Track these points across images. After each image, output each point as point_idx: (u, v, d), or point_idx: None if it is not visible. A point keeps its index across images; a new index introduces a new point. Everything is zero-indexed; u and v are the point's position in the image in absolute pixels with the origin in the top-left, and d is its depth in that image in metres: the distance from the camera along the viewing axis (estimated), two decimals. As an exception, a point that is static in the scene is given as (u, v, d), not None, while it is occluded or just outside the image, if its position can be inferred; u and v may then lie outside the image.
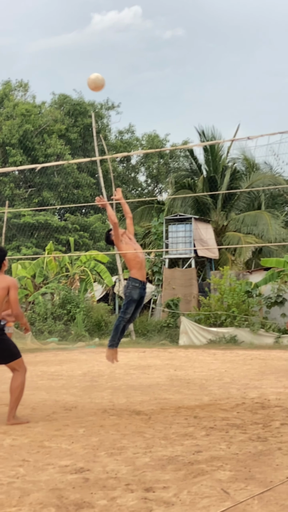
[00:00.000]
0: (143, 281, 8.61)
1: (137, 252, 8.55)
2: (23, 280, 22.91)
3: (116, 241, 8.47)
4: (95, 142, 24.19)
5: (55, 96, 39.84)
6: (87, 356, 14.68)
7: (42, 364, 12.85)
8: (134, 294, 8.48)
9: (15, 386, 6.54)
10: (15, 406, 6.54)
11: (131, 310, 8.58)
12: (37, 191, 35.71)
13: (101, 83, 8.37)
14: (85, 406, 7.56)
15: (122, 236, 8.56)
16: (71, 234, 32.11)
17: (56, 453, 5.22)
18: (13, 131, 35.20)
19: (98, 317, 20.58)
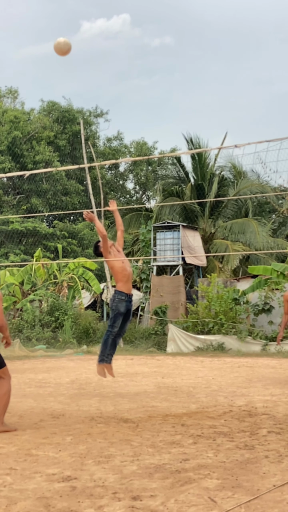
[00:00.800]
0: (130, 294, 8.73)
1: (125, 265, 8.67)
2: (11, 287, 22.86)
3: (104, 253, 8.60)
4: (84, 149, 24.23)
5: (43, 103, 39.86)
6: (75, 364, 14.66)
7: (30, 371, 12.82)
8: (120, 307, 8.62)
9: (2, 393, 6.55)
10: (2, 413, 6.55)
11: (118, 324, 8.69)
12: (26, 198, 35.66)
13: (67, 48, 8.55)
14: (73, 414, 7.56)
15: (111, 248, 8.67)
16: (60, 241, 32.08)
17: (44, 461, 5.21)
18: (2, 137, 35.17)
19: (86, 324, 20.55)
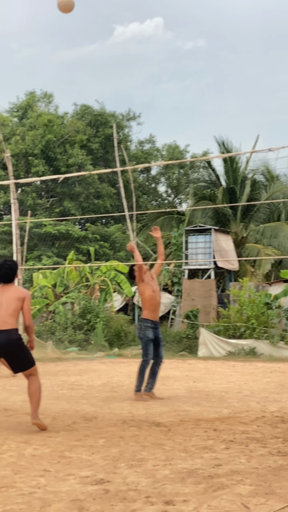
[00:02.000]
0: (156, 321, 9.01)
1: (155, 294, 9.01)
2: (44, 290, 23.06)
3: (137, 281, 9.11)
4: (116, 153, 24.31)
5: (77, 107, 40.19)
6: (107, 366, 14.73)
7: (62, 373, 12.92)
8: (148, 334, 8.93)
9: (34, 389, 6.80)
10: (37, 407, 6.75)
11: (151, 350, 8.97)
12: (59, 201, 35.95)
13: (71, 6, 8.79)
14: (105, 416, 7.60)
15: (145, 273, 9.04)
16: (92, 244, 32.27)
17: (77, 463, 5.26)
18: (36, 141, 35.54)
19: (117, 327, 20.62)
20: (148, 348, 9.13)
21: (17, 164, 34.69)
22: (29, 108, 38.75)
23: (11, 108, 39.67)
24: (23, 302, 6.75)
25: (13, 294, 6.75)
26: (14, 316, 6.69)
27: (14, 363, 6.79)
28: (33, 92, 39.90)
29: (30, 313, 6.88)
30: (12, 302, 6.69)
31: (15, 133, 36.44)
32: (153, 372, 9.31)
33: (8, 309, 6.66)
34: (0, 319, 6.61)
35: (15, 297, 6.73)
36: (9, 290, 6.82)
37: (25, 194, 34.84)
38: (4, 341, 6.59)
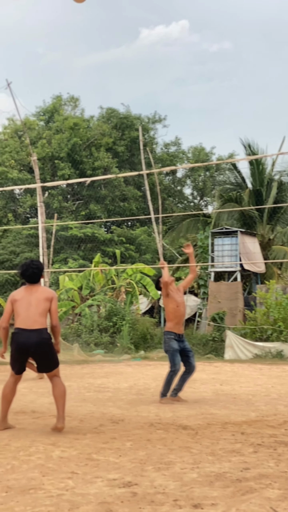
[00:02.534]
0: (180, 334, 9.09)
1: (179, 308, 9.09)
2: (70, 292, 23.17)
3: (162, 294, 9.32)
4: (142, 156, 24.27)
5: (102, 110, 40.34)
6: (133, 369, 14.73)
7: (89, 376, 12.95)
8: (173, 345, 9.04)
9: (62, 390, 6.87)
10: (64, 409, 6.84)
11: (178, 361, 9.05)
12: (84, 204, 36.09)
13: None
14: (132, 419, 7.60)
15: (171, 284, 9.14)
16: (117, 246, 32.34)
17: (104, 466, 5.26)
18: (62, 145, 35.75)
19: (143, 330, 20.63)
20: (175, 358, 9.15)
21: (44, 167, 34.92)
22: (55, 111, 39.01)
23: (37, 112, 39.97)
24: (51, 302, 6.81)
25: (41, 294, 6.81)
26: (44, 316, 6.75)
27: (42, 362, 6.85)
28: (60, 95, 40.17)
29: (57, 314, 6.95)
30: (41, 302, 6.75)
31: (42, 137, 36.70)
32: (182, 379, 9.31)
33: (38, 309, 6.72)
34: (31, 319, 6.67)
35: (44, 297, 6.79)
36: (37, 290, 6.87)
37: (51, 197, 35.04)
38: (36, 340, 6.64)
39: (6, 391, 6.88)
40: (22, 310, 6.73)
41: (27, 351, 6.70)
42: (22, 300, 6.78)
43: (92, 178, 8.41)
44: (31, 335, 6.63)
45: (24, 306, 6.74)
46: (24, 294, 6.85)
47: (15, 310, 6.78)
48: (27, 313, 6.70)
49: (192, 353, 9.42)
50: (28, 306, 6.73)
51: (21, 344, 6.66)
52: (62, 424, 6.71)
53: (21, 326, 6.69)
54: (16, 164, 36.36)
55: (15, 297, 6.87)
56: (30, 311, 6.70)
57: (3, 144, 38.06)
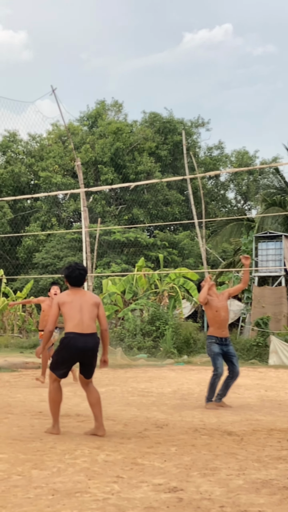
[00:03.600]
0: (221, 337, 9.06)
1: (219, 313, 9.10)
2: (113, 296, 23.25)
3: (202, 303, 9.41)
4: (185, 160, 24.31)
5: (145, 115, 40.44)
6: (176, 374, 14.69)
7: (132, 380, 12.96)
8: (214, 348, 9.04)
9: (98, 397, 6.88)
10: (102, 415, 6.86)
11: (220, 364, 9.03)
12: (127, 208, 36.22)
13: None
14: (176, 424, 7.57)
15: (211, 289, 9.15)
16: (160, 251, 32.33)
17: (149, 470, 5.25)
18: (105, 149, 35.96)
19: (186, 334, 20.54)
20: (216, 362, 9.13)
21: (87, 172, 35.18)
22: (98, 117, 39.27)
23: (81, 117, 40.32)
24: (98, 308, 6.82)
25: (90, 299, 6.80)
26: (94, 321, 6.75)
27: (89, 367, 6.82)
28: (103, 101, 40.43)
29: (104, 316, 6.95)
30: (91, 307, 6.74)
31: (85, 142, 36.98)
32: (226, 385, 9.26)
33: (91, 314, 6.72)
34: (85, 323, 6.65)
35: (93, 302, 6.79)
36: (85, 294, 6.85)
37: (94, 201, 35.27)
38: (93, 344, 6.67)
39: (54, 395, 6.81)
40: (74, 313, 6.66)
41: (84, 355, 6.68)
42: (73, 304, 6.71)
43: (136, 183, 8.44)
44: (88, 339, 6.62)
45: (76, 309, 6.67)
46: (73, 297, 6.77)
47: (66, 313, 6.69)
48: (80, 317, 6.65)
49: (236, 358, 9.34)
50: (80, 310, 6.68)
51: (79, 348, 6.60)
52: (103, 432, 6.71)
53: (76, 331, 6.61)
54: (60, 169, 36.71)
55: (63, 300, 6.77)
56: (84, 315, 6.66)
57: (48, 150, 38.48)
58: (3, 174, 37.23)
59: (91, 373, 6.87)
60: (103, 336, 6.93)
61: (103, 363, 6.98)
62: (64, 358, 6.73)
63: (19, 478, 4.98)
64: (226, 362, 9.21)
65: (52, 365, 6.84)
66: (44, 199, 36.26)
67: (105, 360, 6.98)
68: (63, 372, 6.79)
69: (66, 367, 6.78)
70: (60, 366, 6.76)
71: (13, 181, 37.22)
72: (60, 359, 6.76)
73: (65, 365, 6.76)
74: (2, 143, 39.59)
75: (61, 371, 6.78)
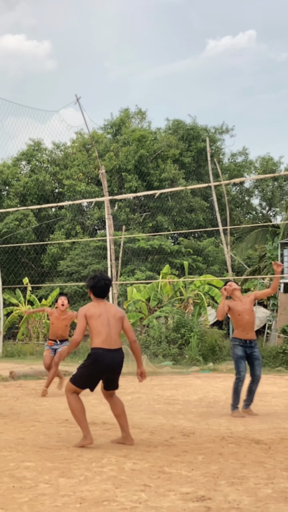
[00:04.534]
0: (246, 340, 9.02)
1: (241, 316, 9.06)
2: (138, 304, 23.24)
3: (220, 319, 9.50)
4: (209, 167, 24.28)
5: (169, 122, 40.48)
6: (202, 381, 14.61)
7: (158, 387, 12.92)
8: (237, 351, 9.02)
9: (123, 407, 6.88)
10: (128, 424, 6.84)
11: (242, 367, 9.00)
12: (151, 215, 36.23)
13: None
14: (203, 432, 7.53)
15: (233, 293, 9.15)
16: (185, 258, 32.28)
17: (177, 479, 5.22)
18: (129, 157, 36.05)
19: (212, 341, 20.43)
20: (239, 365, 9.10)
21: (111, 179, 35.28)
22: (122, 124, 39.40)
23: (105, 125, 40.48)
24: (123, 320, 6.79)
25: (116, 313, 6.74)
26: (120, 336, 6.74)
27: (113, 382, 6.78)
28: (127, 109, 40.58)
29: (130, 328, 6.91)
30: (117, 321, 6.69)
31: (109, 150, 37.10)
32: (249, 390, 9.21)
33: (117, 329, 6.68)
34: (112, 338, 6.61)
35: (118, 316, 6.73)
36: (110, 308, 6.79)
37: (118, 209, 35.35)
38: (120, 360, 6.65)
39: (75, 405, 6.64)
40: (102, 328, 6.59)
41: (112, 371, 6.64)
42: (101, 318, 6.63)
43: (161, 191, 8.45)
44: (116, 355, 6.59)
45: (104, 324, 6.61)
46: (100, 310, 6.68)
47: (94, 327, 6.59)
48: (108, 332, 6.59)
49: (259, 362, 9.27)
50: (108, 324, 6.62)
51: (107, 364, 6.54)
52: (131, 441, 6.71)
53: (104, 346, 6.55)
54: (84, 177, 36.88)
55: (91, 313, 6.66)
56: (111, 330, 6.61)
57: (72, 158, 38.68)
58: (28, 182, 37.49)
59: (114, 386, 6.82)
60: (133, 348, 6.87)
61: (141, 376, 6.91)
62: (91, 374, 6.62)
63: (47, 486, 4.98)
64: (249, 364, 9.20)
65: (75, 378, 6.68)
66: (68, 207, 36.44)
67: (142, 372, 6.91)
68: (89, 386, 6.71)
69: (91, 383, 6.68)
70: (85, 380, 6.65)
71: (38, 190, 37.45)
72: (86, 374, 6.64)
73: (91, 380, 6.66)
74: (27, 152, 39.89)
75: (88, 386, 6.69)
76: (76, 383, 6.65)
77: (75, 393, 6.67)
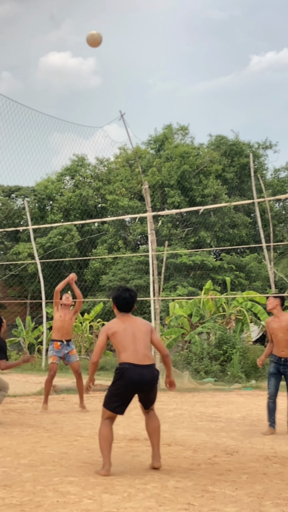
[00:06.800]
0: (280, 357, 8.96)
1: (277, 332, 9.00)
2: (180, 319, 23.19)
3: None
4: (253, 182, 24.13)
5: (212, 138, 40.50)
6: (245, 399, 14.47)
7: (200, 404, 12.84)
8: (270, 368, 9.16)
9: (158, 425, 6.40)
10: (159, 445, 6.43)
11: (271, 385, 9.09)
12: (193, 231, 36.19)
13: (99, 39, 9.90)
14: (247, 451, 7.44)
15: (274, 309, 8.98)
16: (227, 274, 32.10)
17: (221, 498, 5.17)
18: (172, 172, 36.14)
19: (255, 358, 20.22)
20: (268, 382, 9.23)
21: (154, 195, 35.41)
22: (165, 140, 39.56)
23: (148, 140, 40.70)
24: (152, 334, 6.40)
25: (143, 327, 6.36)
26: (150, 350, 6.33)
27: (148, 399, 6.33)
28: (170, 125, 40.75)
29: (162, 343, 6.62)
30: (146, 335, 6.30)
31: (152, 165, 37.27)
32: None
33: (146, 342, 6.25)
34: (141, 353, 6.17)
35: (146, 329, 6.35)
36: (136, 321, 6.40)
37: (161, 224, 35.42)
38: (150, 377, 6.18)
39: (103, 431, 6.21)
40: (128, 343, 6.18)
41: (140, 389, 6.18)
42: (125, 332, 6.23)
43: (205, 207, 8.43)
44: (144, 371, 6.12)
45: (129, 338, 6.20)
46: (124, 325, 6.29)
47: (118, 343, 6.20)
48: (134, 346, 6.17)
49: None
50: (134, 338, 6.21)
51: (134, 380, 6.08)
52: (158, 463, 6.26)
53: (131, 361, 6.12)
54: (127, 192, 37.09)
55: (113, 329, 6.28)
56: (138, 344, 6.19)
57: (115, 173, 38.97)
58: (71, 197, 37.88)
59: (150, 404, 6.38)
60: (165, 361, 6.56)
61: (171, 386, 6.60)
62: (118, 391, 6.18)
63: (90, 502, 4.99)
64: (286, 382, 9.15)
65: (105, 401, 6.29)
66: (111, 222, 36.66)
67: (171, 380, 6.57)
68: (116, 406, 6.19)
69: (120, 401, 6.18)
70: (114, 398, 6.20)
71: (81, 204, 37.83)
72: (114, 392, 6.23)
73: (119, 398, 6.18)
74: (70, 167, 40.36)
75: (115, 405, 6.18)
76: (106, 405, 6.24)
77: (108, 419, 6.24)
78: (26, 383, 17.28)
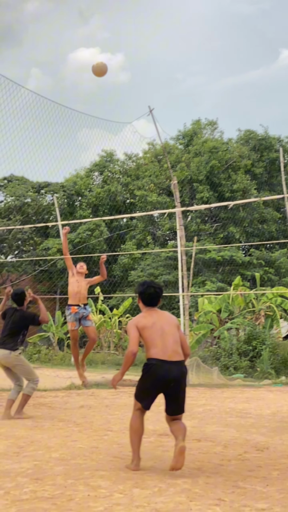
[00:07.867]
0: None
1: None
2: (209, 315, 23.15)
3: None
4: (283, 177, 23.92)
5: (241, 132, 40.29)
6: (275, 395, 14.37)
7: (229, 400, 12.80)
8: None
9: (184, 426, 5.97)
10: None
11: None
12: (222, 226, 36.06)
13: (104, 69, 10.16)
14: (277, 447, 7.40)
15: None
16: (256, 269, 31.93)
17: (251, 494, 5.14)
18: (201, 167, 36.05)
19: (284, 354, 20.11)
20: None
21: (183, 190, 35.34)
22: (194, 135, 39.45)
23: (177, 135, 40.63)
24: (179, 329, 6.17)
25: (171, 320, 6.14)
26: (179, 345, 6.03)
27: (176, 401, 6.00)
28: (199, 120, 40.61)
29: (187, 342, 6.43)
30: (175, 330, 6.06)
31: (181, 160, 37.20)
32: None
33: (175, 337, 6.01)
34: (170, 348, 5.92)
35: (174, 323, 6.13)
36: (163, 314, 6.18)
37: (190, 220, 35.35)
38: (178, 374, 5.91)
39: (133, 423, 6.05)
40: (156, 338, 5.95)
41: (166, 386, 5.90)
42: (154, 327, 5.99)
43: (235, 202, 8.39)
44: (172, 367, 5.87)
45: (158, 333, 5.97)
46: (153, 319, 6.06)
47: (147, 338, 5.97)
48: (163, 342, 5.93)
49: None
50: (162, 333, 5.97)
51: (160, 377, 5.85)
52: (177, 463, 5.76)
53: (159, 357, 5.89)
54: (156, 188, 37.08)
55: (142, 324, 6.03)
56: (167, 340, 5.95)
57: (143, 169, 38.98)
58: (100, 193, 38.01)
59: (177, 407, 6.01)
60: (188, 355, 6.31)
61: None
62: (145, 387, 6.00)
63: (121, 496, 5.00)
64: None
65: (135, 392, 6.16)
66: (139, 217, 36.70)
67: None
68: (146, 402, 6.03)
69: (147, 397, 5.99)
70: (144, 395, 6.03)
71: (110, 200, 37.94)
72: (141, 387, 6.06)
73: (146, 394, 5.99)
74: (99, 163, 40.48)
75: (145, 401, 6.02)
76: (136, 397, 6.10)
77: (139, 410, 6.06)
78: (56, 378, 17.42)
